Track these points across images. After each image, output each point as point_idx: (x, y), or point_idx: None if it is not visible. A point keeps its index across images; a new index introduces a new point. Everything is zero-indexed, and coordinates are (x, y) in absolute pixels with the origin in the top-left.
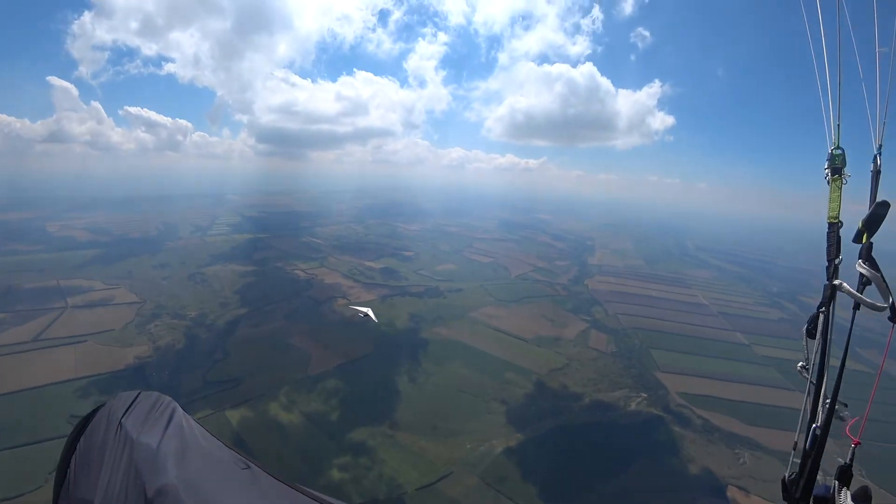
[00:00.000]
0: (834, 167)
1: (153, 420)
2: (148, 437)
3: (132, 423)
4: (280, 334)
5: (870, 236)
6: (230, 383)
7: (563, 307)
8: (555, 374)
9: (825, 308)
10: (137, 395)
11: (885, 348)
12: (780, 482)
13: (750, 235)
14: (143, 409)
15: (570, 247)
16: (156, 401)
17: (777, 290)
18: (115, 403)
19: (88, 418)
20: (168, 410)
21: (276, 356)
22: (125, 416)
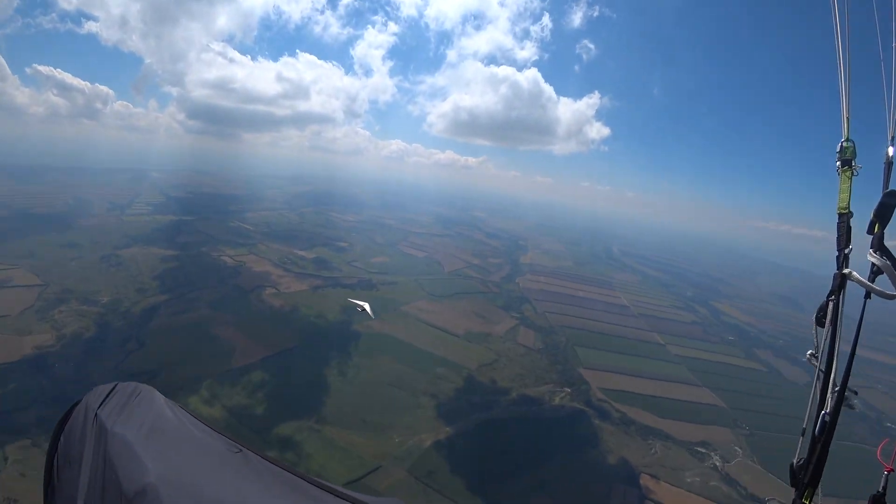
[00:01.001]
0: (844, 159)
1: (130, 411)
2: (124, 428)
3: (108, 414)
4: (203, 324)
5: (882, 226)
6: (145, 376)
7: (494, 304)
8: (484, 370)
9: (835, 296)
10: (114, 387)
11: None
12: (789, 467)
13: (670, 243)
14: (119, 400)
15: (504, 245)
16: (133, 391)
17: (691, 295)
18: (91, 397)
19: (68, 414)
20: (146, 399)
21: (197, 347)
22: (101, 408)
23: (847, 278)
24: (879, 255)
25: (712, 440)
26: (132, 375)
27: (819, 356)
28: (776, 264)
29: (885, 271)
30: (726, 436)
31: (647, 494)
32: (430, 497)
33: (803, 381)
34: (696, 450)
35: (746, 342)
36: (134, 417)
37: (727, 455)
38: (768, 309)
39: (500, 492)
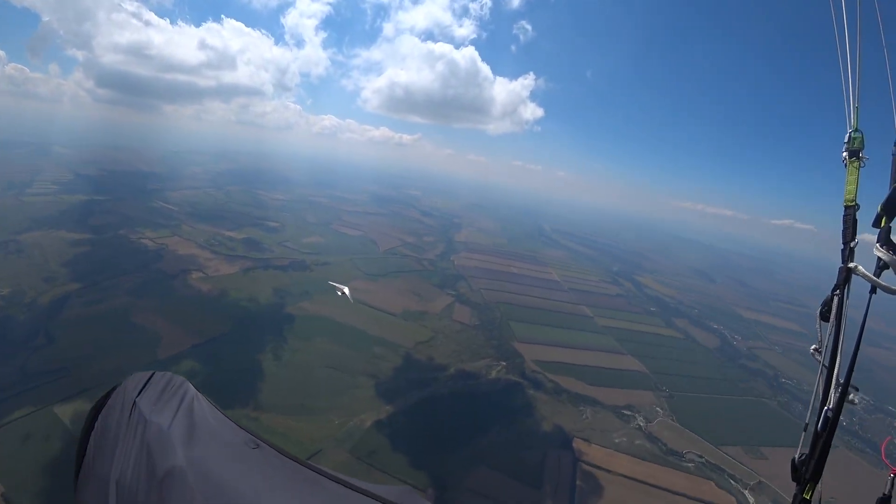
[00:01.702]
0: (852, 150)
1: (165, 400)
2: (160, 417)
3: (146, 403)
4: (123, 313)
5: (889, 220)
6: (56, 374)
7: (430, 282)
8: (421, 347)
9: (840, 291)
10: (151, 376)
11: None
12: (790, 462)
13: (597, 221)
14: (156, 389)
15: (439, 223)
16: (169, 381)
17: (617, 270)
18: (130, 383)
19: (106, 397)
20: (181, 391)
21: (118, 338)
22: (139, 396)
23: (853, 273)
24: (886, 250)
25: (636, 403)
26: (42, 374)
27: (822, 351)
28: (692, 241)
29: (891, 266)
30: (649, 398)
31: (580, 457)
32: (373, 476)
33: (714, 345)
34: (623, 413)
35: (666, 312)
36: (168, 406)
37: (650, 415)
38: (684, 281)
39: (442, 465)
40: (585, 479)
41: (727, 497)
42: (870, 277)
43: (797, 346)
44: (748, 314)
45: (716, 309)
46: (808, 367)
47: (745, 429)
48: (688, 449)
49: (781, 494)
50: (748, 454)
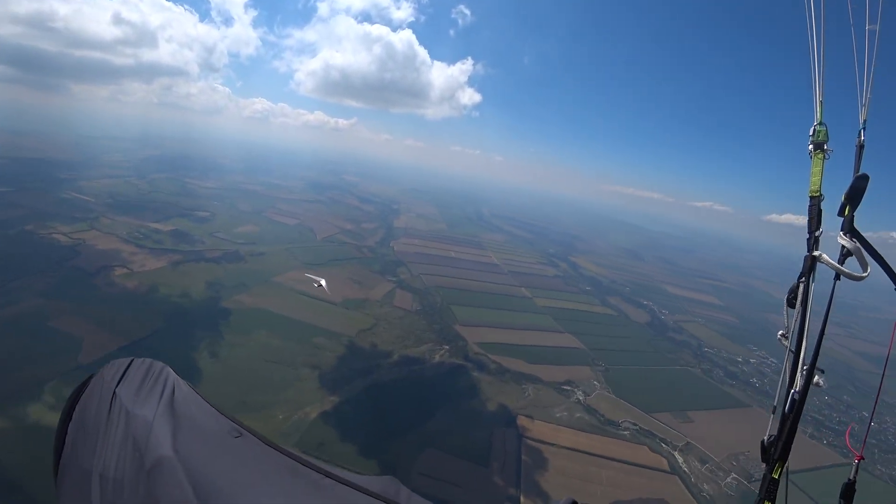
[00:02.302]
0: (816, 142)
1: (147, 389)
2: (143, 406)
3: (127, 393)
4: (35, 317)
5: (852, 209)
6: None
7: (370, 269)
8: (364, 335)
9: (805, 279)
10: (130, 363)
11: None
12: (760, 444)
13: (534, 205)
14: (136, 377)
15: (377, 209)
16: (149, 368)
17: (553, 252)
18: (108, 372)
19: (83, 387)
20: (162, 378)
21: (31, 345)
22: (119, 385)
23: (817, 261)
24: (849, 238)
25: (575, 378)
26: None
27: (789, 336)
28: (623, 222)
29: (854, 254)
30: (586, 373)
31: (524, 433)
32: None
33: (644, 320)
34: (563, 388)
35: (600, 291)
36: (151, 395)
37: (588, 389)
38: (616, 261)
39: (391, 451)
40: (531, 453)
41: (659, 459)
42: (833, 265)
43: (717, 318)
44: (674, 290)
45: (645, 286)
46: (727, 336)
47: (674, 396)
48: (623, 418)
49: (706, 453)
50: (677, 419)
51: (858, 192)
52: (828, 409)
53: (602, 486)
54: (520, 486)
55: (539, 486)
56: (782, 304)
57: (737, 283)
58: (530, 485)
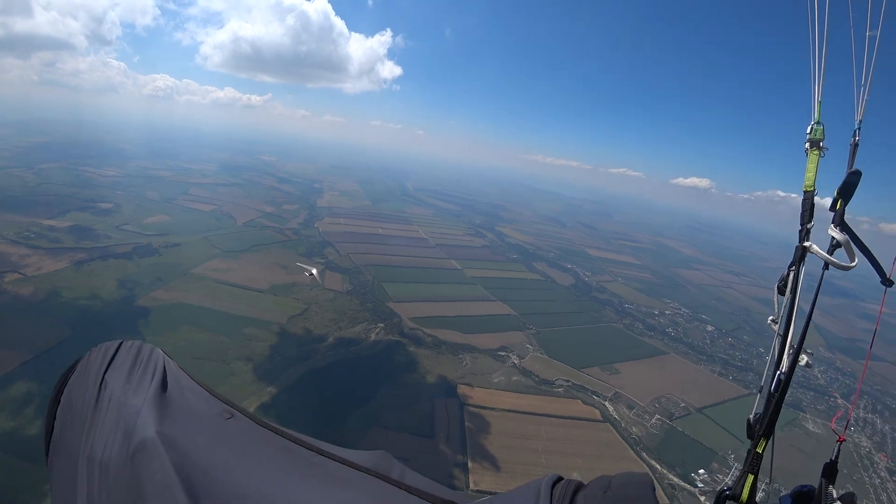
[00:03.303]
0: (813, 140)
1: (137, 372)
2: (131, 390)
3: (115, 376)
4: None
5: (844, 203)
6: None
7: (295, 252)
8: (296, 321)
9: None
10: (119, 345)
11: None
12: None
13: (458, 177)
14: (125, 360)
15: (299, 190)
16: (139, 350)
17: (479, 223)
18: (96, 355)
19: (71, 370)
20: (152, 361)
21: None
22: (108, 369)
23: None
24: (839, 231)
25: (509, 343)
26: None
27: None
28: (545, 191)
29: (843, 246)
30: (519, 338)
31: (466, 401)
32: None
33: (569, 283)
34: (498, 354)
35: (526, 258)
36: (140, 379)
37: (522, 353)
38: (540, 228)
39: (335, 434)
40: (473, 419)
41: (592, 410)
42: (823, 255)
43: (635, 276)
44: (595, 252)
45: (568, 251)
46: (644, 292)
47: (601, 351)
48: (557, 376)
49: (633, 400)
50: (605, 372)
51: (850, 188)
52: (731, 349)
53: (542, 441)
54: (466, 452)
55: (485, 450)
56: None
57: (650, 242)
58: (476, 449)
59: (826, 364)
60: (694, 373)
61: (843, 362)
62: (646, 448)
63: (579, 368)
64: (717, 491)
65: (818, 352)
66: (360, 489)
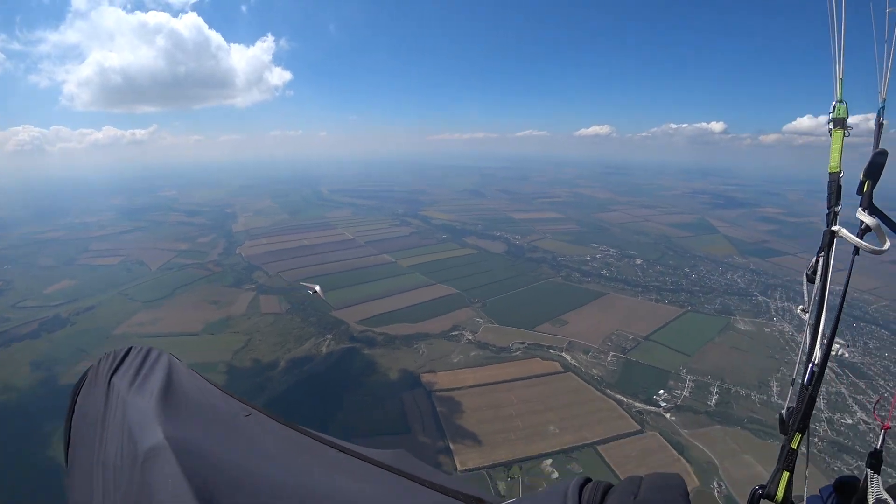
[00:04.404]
0: (836, 119)
1: (144, 376)
2: (139, 394)
3: (123, 381)
4: None
5: (872, 185)
6: None
7: (222, 284)
8: (241, 354)
9: (824, 253)
10: (128, 351)
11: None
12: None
13: (369, 171)
14: (133, 365)
15: (210, 219)
16: (146, 355)
17: (402, 212)
18: (104, 362)
19: (82, 379)
20: (160, 364)
21: None
22: (115, 374)
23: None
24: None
25: (460, 322)
26: None
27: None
28: (458, 167)
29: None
30: (468, 314)
31: (432, 388)
32: None
33: (502, 250)
34: (452, 335)
35: (456, 235)
36: (147, 381)
37: (474, 328)
38: (462, 203)
39: None
40: (444, 403)
41: (552, 364)
42: (853, 239)
43: (561, 229)
44: (519, 216)
45: (494, 219)
46: (573, 242)
47: (547, 307)
48: (512, 341)
49: (587, 344)
50: (555, 325)
51: (877, 168)
52: (661, 276)
53: (514, 405)
54: (445, 436)
55: (462, 429)
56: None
57: (568, 194)
58: (454, 431)
59: (742, 268)
60: (634, 305)
61: (755, 263)
62: (608, 385)
63: (531, 328)
64: (750, 490)
65: (732, 259)
66: (382, 485)
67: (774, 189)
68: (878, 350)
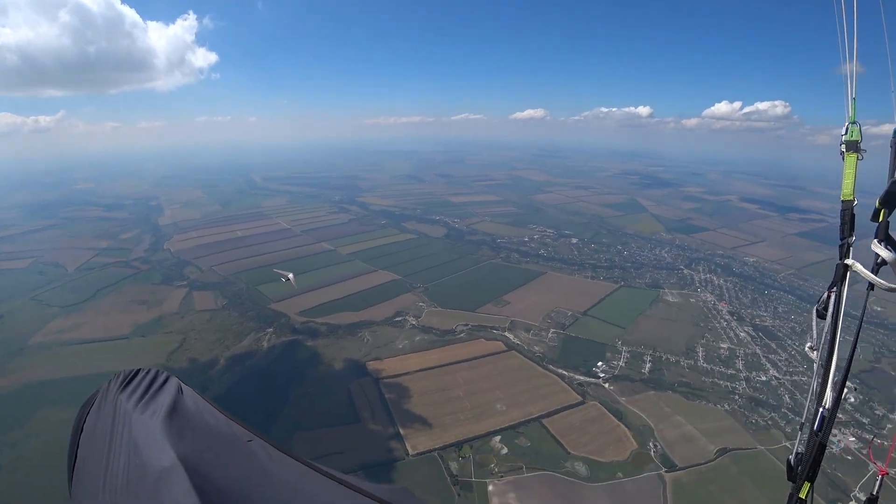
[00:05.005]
0: (849, 142)
1: (151, 397)
2: (146, 414)
3: (131, 401)
4: None
5: (888, 214)
6: None
7: (151, 282)
8: (177, 355)
9: (837, 288)
10: (136, 373)
11: None
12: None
13: (305, 158)
14: (141, 386)
15: (133, 213)
16: (154, 377)
17: (339, 198)
18: (114, 383)
19: (92, 399)
20: (167, 387)
21: None
22: (123, 394)
23: (849, 269)
24: (885, 246)
25: (403, 307)
26: None
27: (817, 349)
28: (395, 151)
29: (889, 264)
30: (411, 299)
31: (379, 375)
32: None
33: (442, 234)
34: (395, 321)
35: (395, 220)
36: (154, 402)
37: (417, 312)
38: (400, 188)
39: None
40: (391, 390)
41: (496, 344)
42: (867, 274)
43: (499, 212)
44: (458, 199)
45: (433, 203)
46: (511, 224)
47: (488, 288)
48: (455, 324)
49: (528, 322)
50: (497, 306)
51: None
52: (595, 253)
53: (461, 386)
54: (395, 422)
55: (412, 414)
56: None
57: (505, 177)
58: (403, 416)
59: (668, 244)
60: (571, 283)
61: (681, 239)
62: (550, 360)
63: (473, 310)
64: None
65: (659, 236)
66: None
67: (696, 169)
68: (786, 314)
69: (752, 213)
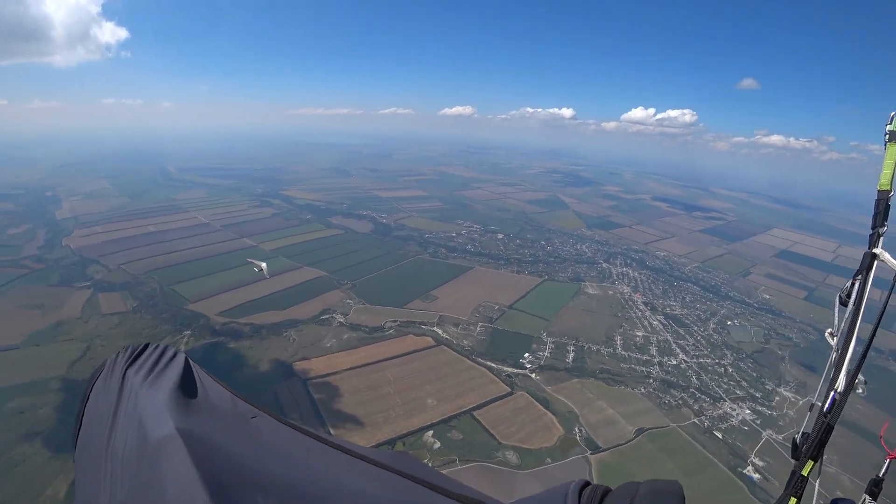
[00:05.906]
0: (893, 132)
1: (158, 371)
2: (152, 387)
3: (138, 374)
4: None
5: None
6: None
7: (46, 284)
8: (80, 365)
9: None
10: (145, 347)
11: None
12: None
13: (222, 147)
14: (149, 360)
15: (23, 205)
16: (162, 352)
17: (262, 191)
18: (122, 355)
19: (100, 369)
20: (175, 362)
21: None
22: (131, 367)
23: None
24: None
25: (330, 305)
26: None
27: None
28: (320, 143)
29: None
30: (338, 296)
31: (307, 375)
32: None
33: (369, 229)
34: (322, 319)
35: (320, 215)
36: (161, 377)
37: (345, 310)
38: (326, 182)
39: None
40: (320, 390)
41: (425, 339)
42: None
43: (427, 207)
44: (385, 194)
45: (360, 198)
46: (438, 219)
47: (416, 284)
48: (384, 320)
49: (456, 317)
50: (425, 301)
51: None
52: (521, 248)
53: (391, 383)
54: (325, 423)
55: (342, 414)
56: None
57: (433, 172)
58: (333, 417)
59: (589, 240)
60: (498, 277)
61: (600, 235)
62: (479, 353)
63: (402, 306)
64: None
65: (580, 232)
66: (384, 485)
67: (614, 169)
68: (693, 303)
69: (663, 210)
